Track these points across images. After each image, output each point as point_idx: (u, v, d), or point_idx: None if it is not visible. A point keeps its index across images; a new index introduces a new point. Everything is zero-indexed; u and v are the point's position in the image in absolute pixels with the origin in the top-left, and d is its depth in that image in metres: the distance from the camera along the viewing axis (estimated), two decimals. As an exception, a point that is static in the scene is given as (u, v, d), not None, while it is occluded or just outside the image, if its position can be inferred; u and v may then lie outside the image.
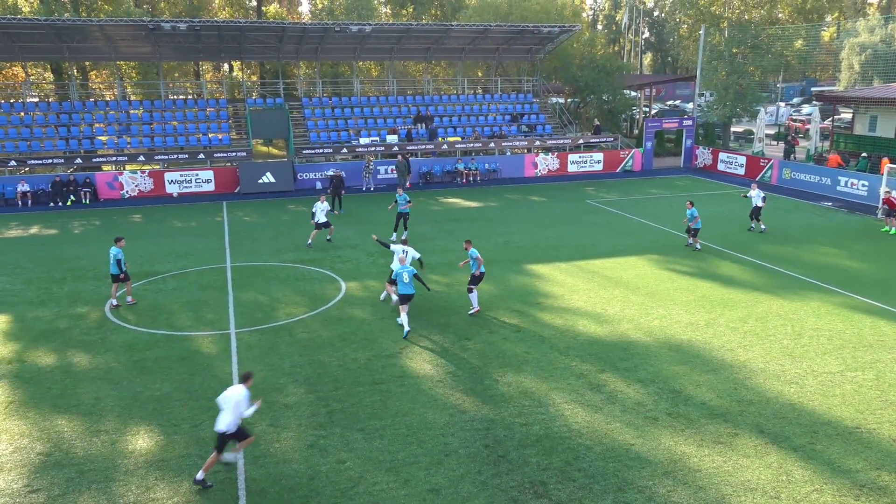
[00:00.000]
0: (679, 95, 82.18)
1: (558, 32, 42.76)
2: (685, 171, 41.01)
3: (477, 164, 37.77)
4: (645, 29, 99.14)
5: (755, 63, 45.19)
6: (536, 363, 14.33)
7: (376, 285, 19.56)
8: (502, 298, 18.40)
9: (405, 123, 41.06)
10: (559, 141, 41.02)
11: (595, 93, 48.71)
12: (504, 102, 44.75)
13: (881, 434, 11.47)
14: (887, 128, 42.45)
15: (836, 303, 17.77)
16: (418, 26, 41.03)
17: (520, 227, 26.55)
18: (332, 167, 36.09)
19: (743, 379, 13.51)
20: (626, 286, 19.25)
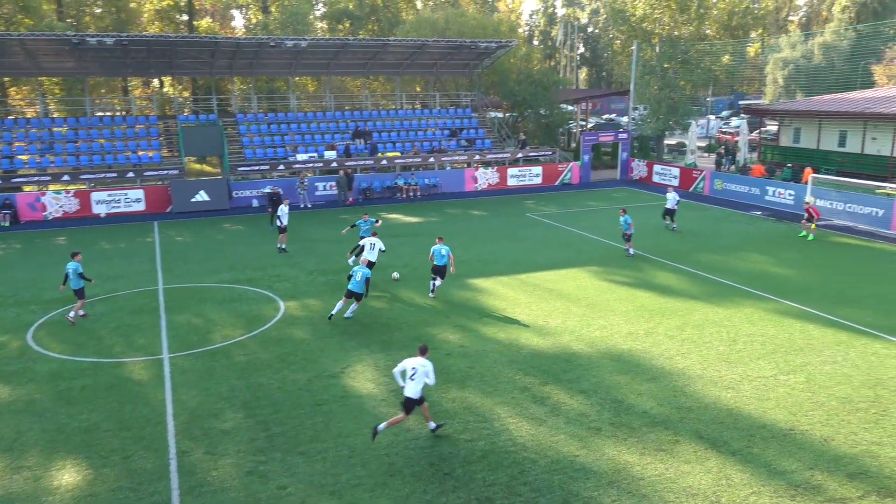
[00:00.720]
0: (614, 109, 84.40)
1: (495, 48, 43.41)
2: (622, 183, 42.07)
3: (417, 180, 37.86)
4: (580, 44, 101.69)
5: (685, 77, 46.90)
6: (480, 378, 14.37)
7: (316, 304, 19.31)
8: (445, 314, 18.41)
9: (343, 139, 40.85)
10: (498, 155, 41.52)
11: (532, 107, 49.57)
12: (443, 117, 45.06)
13: (813, 435, 11.92)
14: (810, 139, 44.61)
15: (768, 308, 18.46)
16: (355, 41, 41.04)
17: (461, 242, 26.67)
18: (268, 184, 35.56)
19: (682, 386, 13.85)
20: (567, 298, 19.54)
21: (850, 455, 11.28)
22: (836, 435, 11.90)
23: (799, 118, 45.46)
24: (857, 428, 12.12)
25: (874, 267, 22.74)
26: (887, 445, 11.55)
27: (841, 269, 22.35)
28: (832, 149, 42.78)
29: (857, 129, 41.47)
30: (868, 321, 17.35)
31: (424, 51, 42.76)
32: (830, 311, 18.18)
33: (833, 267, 22.71)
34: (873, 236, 26.92)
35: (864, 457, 11.22)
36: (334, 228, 29.20)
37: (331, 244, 26.26)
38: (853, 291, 19.92)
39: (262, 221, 31.50)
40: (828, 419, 12.44)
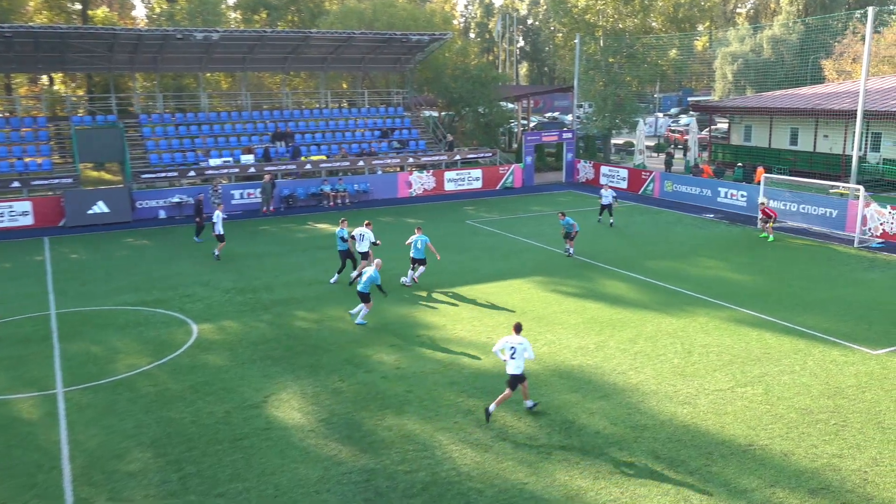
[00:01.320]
0: (558, 107, 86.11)
1: (428, 41, 43.65)
2: (567, 185, 42.82)
3: (345, 185, 37.62)
4: (520, 37, 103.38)
5: (631, 72, 48.22)
6: (419, 402, 14.31)
7: (233, 326, 18.91)
8: (379, 333, 18.30)
9: (262, 141, 40.31)
10: (434, 157, 41.69)
11: (470, 105, 50.05)
12: (373, 117, 45.00)
13: (773, 449, 12.32)
14: (761, 137, 46.48)
15: (723, 317, 19.05)
16: (273, 34, 40.60)
17: (395, 253, 26.58)
18: (176, 193, 34.76)
19: (636, 403, 14.13)
20: (512, 312, 19.71)
21: (811, 469, 11.70)
22: (797, 449, 12.33)
23: (750, 115, 47.33)
24: (817, 440, 12.60)
25: (830, 270, 23.78)
26: (848, 457, 12.04)
27: (796, 273, 23.27)
28: (784, 147, 44.70)
29: (808, 127, 43.45)
30: (825, 327, 18.10)
31: (351, 44, 42.67)
32: (787, 317, 18.89)
33: (788, 271, 23.63)
34: (828, 238, 28.16)
35: (826, 470, 11.66)
36: (253, 241, 28.73)
37: (250, 259, 25.79)
38: (809, 296, 20.76)
39: (170, 234, 30.71)
40: (787, 432, 12.89)
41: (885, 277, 22.81)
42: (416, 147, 43.26)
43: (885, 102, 38.73)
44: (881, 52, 59.04)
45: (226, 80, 58.50)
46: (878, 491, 11.10)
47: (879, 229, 27.61)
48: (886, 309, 19.61)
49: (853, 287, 21.80)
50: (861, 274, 23.28)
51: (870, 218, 27.81)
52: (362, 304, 18.85)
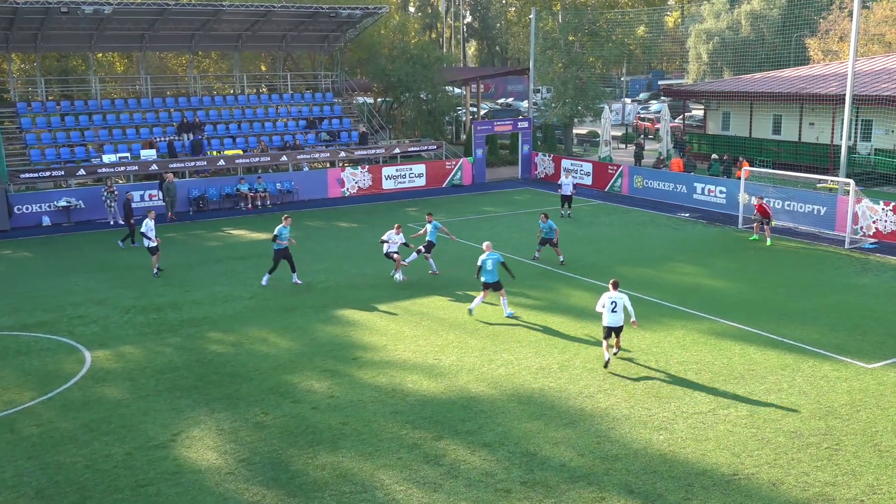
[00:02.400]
0: (511, 92, 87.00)
1: (361, 16, 43.66)
2: (524, 182, 43.26)
3: (265, 185, 37.31)
4: (466, 12, 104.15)
5: (595, 53, 49.00)
6: (357, 436, 14.27)
7: (134, 352, 18.56)
8: (308, 356, 18.19)
9: (166, 134, 39.71)
10: (370, 151, 41.65)
11: (411, 90, 50.19)
12: (297, 104, 44.78)
13: (760, 479, 12.65)
14: (741, 126, 47.75)
15: (702, 330, 19.49)
16: (177, 7, 40.07)
17: (326, 264, 26.49)
18: (63, 196, 34.00)
19: (606, 430, 14.34)
20: (463, 328, 19.80)
21: (802, 500, 12.04)
22: (786, 477, 12.68)
23: (727, 101, 48.58)
24: (808, 467, 12.98)
25: (819, 274, 24.55)
26: (842, 485, 12.43)
27: (782, 279, 23.94)
28: (766, 137, 46.02)
29: (793, 114, 44.82)
30: (815, 339, 18.67)
31: (270, 19, 42.40)
32: (773, 329, 19.43)
33: (773, 277, 24.31)
34: (816, 238, 29.07)
35: (818, 501, 12.02)
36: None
37: (152, 272, 25.33)
38: (797, 305, 21.39)
39: (57, 245, 30.00)
40: (775, 459, 13.25)
41: (878, 282, 23.66)
42: (347, 139, 43.16)
43: (876, 86, 40.20)
44: (870, 30, 61.29)
45: (121, 62, 57.43)
46: (876, 521, 11.50)
47: (872, 228, 28.63)
48: (881, 318, 20.33)
49: (844, 294, 22.54)
50: (853, 279, 24.08)
51: (861, 215, 28.82)
52: (495, 293, 20.74)
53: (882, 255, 26.66)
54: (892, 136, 40.12)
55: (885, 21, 62.58)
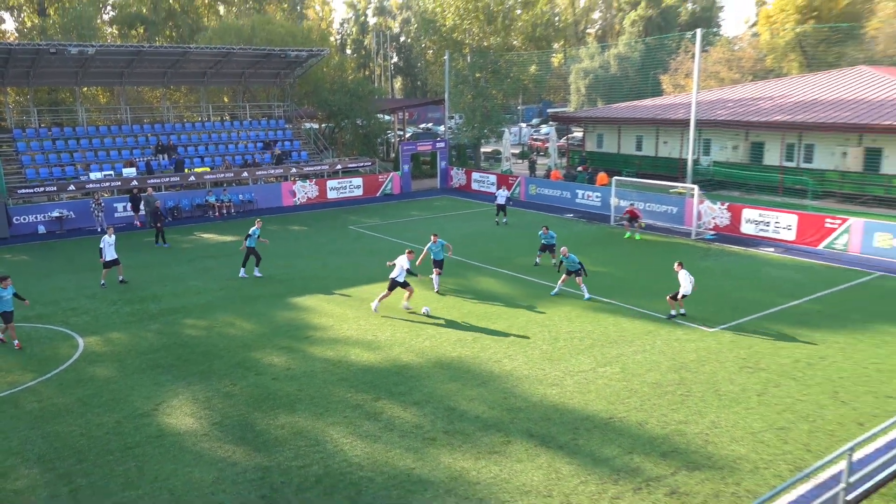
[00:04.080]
0: (431, 118, 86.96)
1: (306, 56, 43.02)
2: (442, 191, 43.38)
3: (230, 196, 36.48)
4: (393, 54, 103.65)
5: (497, 86, 49.44)
6: (310, 400, 14.14)
7: (121, 337, 17.97)
8: (268, 336, 17.91)
9: (144, 154, 38.41)
10: (316, 167, 41.15)
11: (349, 117, 49.74)
12: (255, 129, 43.86)
13: (630, 420, 13.04)
14: (611, 143, 48.88)
15: (584, 306, 19.93)
16: (151, 49, 38.75)
17: (282, 260, 26.08)
18: (56, 207, 32.59)
19: (511, 387, 14.55)
20: (396, 310, 19.79)
21: (661, 436, 12.47)
22: (650, 418, 13.10)
23: (601, 125, 49.65)
24: (666, 410, 13.44)
25: (673, 260, 25.22)
26: (692, 423, 12.92)
27: (645, 265, 24.66)
28: (631, 152, 47.19)
29: (651, 134, 46.08)
30: (670, 310, 19.29)
31: (230, 59, 41.40)
32: (638, 304, 20.01)
33: (638, 263, 25.01)
34: (670, 232, 30.00)
35: (674, 436, 12.47)
36: (138, 253, 27.33)
37: (137, 270, 24.52)
38: (656, 285, 22.05)
39: (51, 249, 28.76)
40: (641, 405, 13.67)
41: (717, 265, 24.58)
42: (297, 158, 42.52)
43: (714, 112, 41.65)
44: (709, 69, 63.49)
45: (104, 95, 55.26)
46: (717, 450, 11.98)
47: (712, 223, 29.71)
48: (719, 292, 21.16)
49: (692, 274, 23.28)
50: (698, 262, 24.96)
51: (704, 213, 29.87)
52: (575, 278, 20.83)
53: (719, 244, 27.68)
54: (726, 151, 41.66)
55: (719, 62, 64.95)
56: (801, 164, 37.90)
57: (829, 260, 24.84)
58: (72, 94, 46.22)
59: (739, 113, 40.70)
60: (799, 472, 11.12)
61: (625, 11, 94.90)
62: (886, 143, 34.19)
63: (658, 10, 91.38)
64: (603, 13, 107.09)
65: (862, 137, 35.18)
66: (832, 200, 35.27)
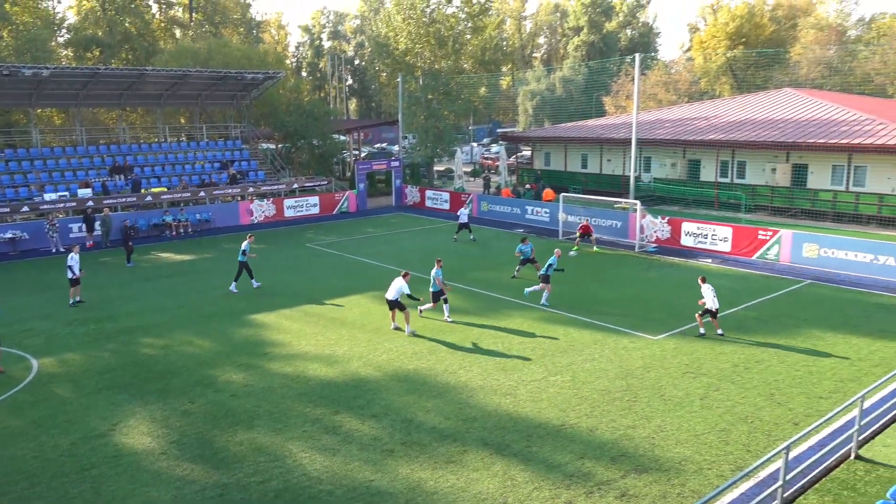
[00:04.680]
0: (385, 138, 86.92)
1: (262, 79, 42.62)
2: (397, 209, 43.29)
3: (187, 215, 35.73)
4: (348, 76, 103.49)
5: (448, 107, 49.76)
6: (269, 416, 13.84)
7: (76, 357, 17.34)
8: (226, 354, 17.51)
9: (100, 175, 37.38)
10: (273, 187, 40.67)
11: (305, 137, 49.37)
12: (212, 150, 43.14)
13: (581, 427, 13.10)
14: (558, 162, 49.55)
15: (536, 317, 20.03)
16: (107, 71, 37.87)
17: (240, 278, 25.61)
18: (9, 229, 31.41)
19: (466, 398, 14.50)
20: (353, 325, 19.59)
21: (611, 441, 12.56)
22: (599, 424, 13.20)
23: (548, 144, 50.31)
24: (615, 415, 13.55)
25: (618, 272, 25.73)
26: (640, 427, 13.05)
27: (593, 276, 24.96)
28: (577, 170, 47.90)
29: (595, 153, 46.87)
30: (616, 320, 19.56)
31: (187, 81, 40.71)
32: (587, 314, 20.21)
33: (586, 275, 25.28)
34: (615, 245, 30.47)
35: (623, 440, 12.57)
36: (95, 273, 26.48)
37: (93, 290, 23.72)
38: (603, 295, 22.35)
39: (4, 271, 27.66)
40: (591, 411, 13.76)
41: (660, 276, 25.04)
42: (255, 177, 41.95)
43: (653, 132, 42.63)
44: (647, 91, 65.06)
45: (58, 116, 53.74)
46: (664, 452, 12.12)
47: (654, 236, 30.28)
48: (662, 302, 21.53)
49: (636, 285, 23.73)
50: (642, 274, 25.40)
51: (646, 227, 30.43)
52: (543, 285, 21.13)
53: (661, 256, 28.22)
54: (665, 168, 42.62)
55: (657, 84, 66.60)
56: (735, 180, 38.99)
57: (762, 269, 25.54)
58: (26, 115, 44.79)
59: (677, 132, 41.75)
60: (740, 471, 11.32)
61: (568, 37, 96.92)
62: (811, 160, 35.45)
63: (600, 35, 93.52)
64: (548, 38, 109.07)
65: (789, 154, 36.41)
66: (764, 213, 36.37)
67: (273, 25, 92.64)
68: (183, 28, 67.14)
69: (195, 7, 66.86)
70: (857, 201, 33.76)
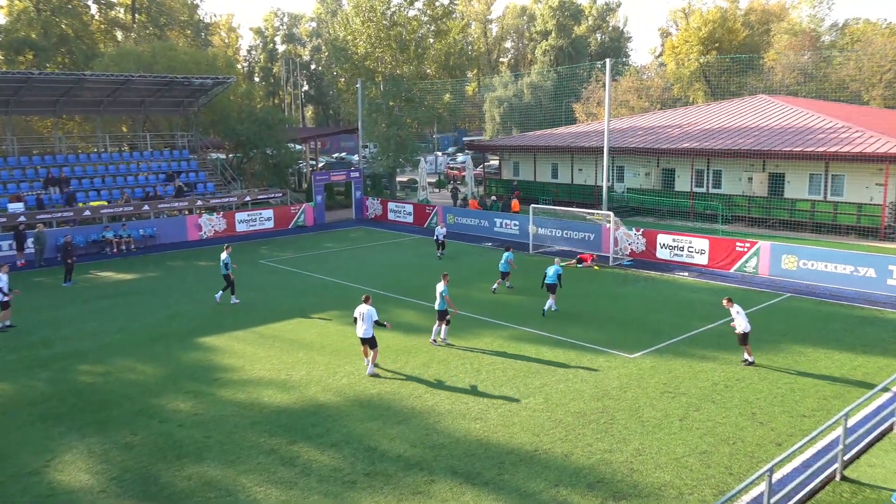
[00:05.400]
0: (344, 147, 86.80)
1: (212, 84, 42.21)
2: (358, 222, 43.12)
3: (129, 231, 35.06)
4: (304, 82, 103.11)
5: (411, 115, 49.87)
6: (220, 447, 13.54)
7: (5, 387, 16.79)
8: (173, 380, 17.13)
9: (33, 188, 36.52)
10: (224, 199, 40.18)
11: (258, 147, 48.98)
12: (157, 160, 42.52)
13: (555, 452, 13.08)
14: (528, 171, 49.95)
15: (505, 336, 20.04)
16: (41, 76, 37.14)
17: (187, 298, 25.17)
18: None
19: (433, 423, 14.38)
20: (311, 347, 19.35)
21: (587, 466, 12.56)
22: (575, 449, 13.19)
23: (516, 153, 50.73)
24: (591, 439, 13.57)
25: (591, 287, 25.93)
26: (617, 451, 13.08)
27: (565, 291, 24.94)
28: (547, 180, 48.36)
29: (566, 162, 47.39)
30: (591, 337, 19.67)
31: (129, 87, 40.11)
32: (559, 331, 20.29)
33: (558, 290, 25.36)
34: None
35: (600, 465, 12.59)
36: (28, 294, 25.73)
37: (25, 314, 23.03)
38: (576, 311, 22.48)
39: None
40: (566, 435, 13.76)
41: (635, 290, 25.30)
42: (203, 190, 41.42)
43: (625, 140, 43.29)
44: (619, 97, 66.14)
45: (-13, 125, 52.36)
46: (643, 478, 12.16)
47: (628, 249, 30.63)
48: (637, 318, 21.73)
49: (611, 300, 23.94)
50: (616, 289, 25.64)
51: (620, 240, 30.77)
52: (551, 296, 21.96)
53: (637, 270, 28.54)
54: (639, 177, 43.27)
55: (629, 90, 67.74)
56: (711, 190, 39.75)
57: (740, 283, 25.99)
58: (-50, 123, 43.56)
59: (650, 140, 42.45)
60: (722, 495, 11.40)
61: (536, 41, 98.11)
62: (788, 169, 36.33)
63: (568, 40, 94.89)
64: (515, 42, 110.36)
65: (765, 163, 37.27)
66: (741, 224, 37.13)
67: (223, 28, 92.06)
68: (125, 30, 66.23)
69: (138, 8, 66.07)
70: (835, 211, 34.66)
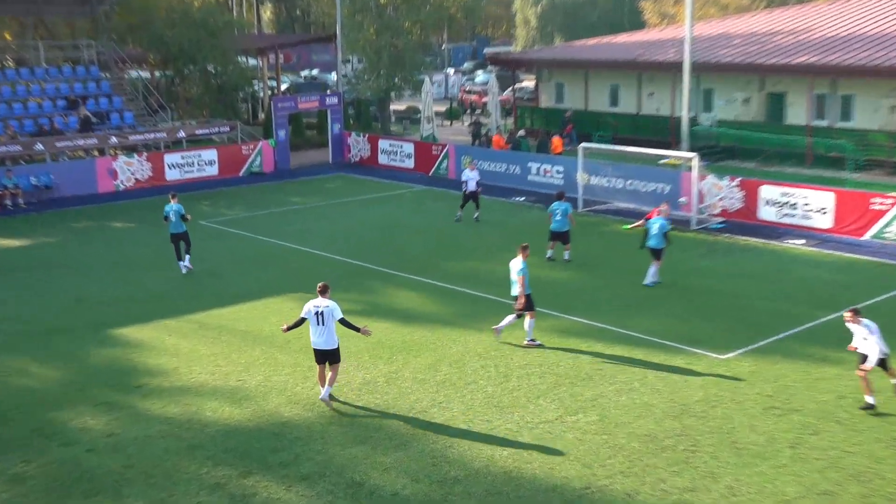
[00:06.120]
0: (317, 62, 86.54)
1: (130, -29, 42.05)
2: (336, 167, 43.09)
3: (17, 179, 35.19)
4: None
5: (411, 17, 49.48)
6: (145, 480, 13.63)
7: None
8: (81, 387, 17.26)
9: None
10: (148, 135, 40.19)
11: (196, 62, 48.86)
12: (54, 80, 42.58)
13: (614, 490, 13.08)
14: (576, 97, 49.55)
15: (544, 328, 19.97)
16: None
17: (96, 274, 25.30)
18: None
19: (443, 449, 14.41)
20: (271, 342, 19.41)
21: (660, 510, 12.57)
22: (642, 486, 13.18)
23: (559, 70, 50.33)
24: (665, 473, 13.55)
25: (665, 259, 25.79)
26: (701, 490, 13.06)
27: (626, 266, 24.94)
28: (604, 109, 48.00)
29: (630, 83, 47.00)
30: (663, 330, 19.59)
31: (14, -24, 40.00)
32: (619, 322, 20.24)
33: (617, 263, 25.32)
34: (661, 220, 30.55)
35: (677, 509, 12.60)
36: None
37: None
38: (643, 293, 22.41)
39: None
40: (630, 467, 13.75)
41: (725, 264, 25.20)
42: (119, 122, 41.47)
43: (715, 52, 42.81)
44: (707, -9, 65.31)
45: None
46: (738, 526, 12.17)
47: (717, 207, 30.42)
48: (729, 302, 21.63)
49: (691, 278, 23.85)
50: (699, 262, 25.53)
51: (707, 193, 30.55)
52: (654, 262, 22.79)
53: (730, 236, 28.37)
54: (733, 105, 42.86)
55: (722, -19, 66.87)
56: (837, 124, 39.35)
57: (879, 254, 25.80)
58: None
59: (751, 53, 41.94)
60: (850, 552, 11.39)
61: None
62: (948, 93, 35.88)
63: None
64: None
65: (917, 85, 36.81)
66: (880, 172, 36.75)
67: None
68: None
69: None
70: None
